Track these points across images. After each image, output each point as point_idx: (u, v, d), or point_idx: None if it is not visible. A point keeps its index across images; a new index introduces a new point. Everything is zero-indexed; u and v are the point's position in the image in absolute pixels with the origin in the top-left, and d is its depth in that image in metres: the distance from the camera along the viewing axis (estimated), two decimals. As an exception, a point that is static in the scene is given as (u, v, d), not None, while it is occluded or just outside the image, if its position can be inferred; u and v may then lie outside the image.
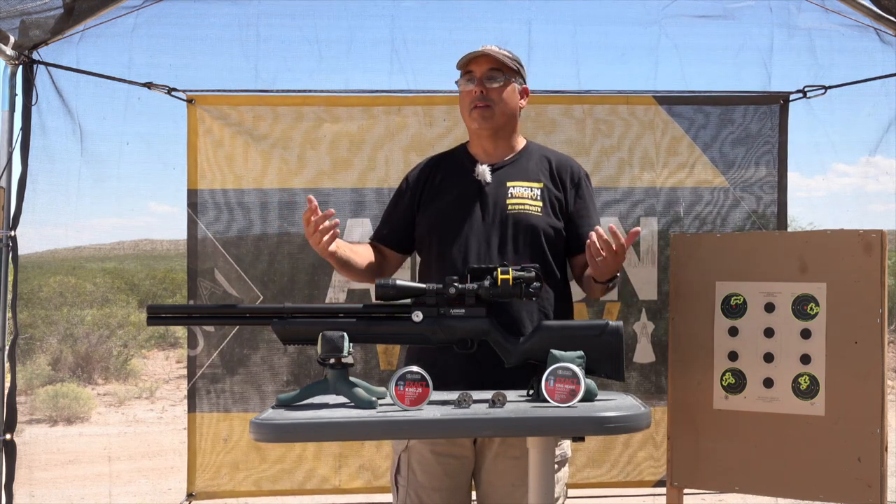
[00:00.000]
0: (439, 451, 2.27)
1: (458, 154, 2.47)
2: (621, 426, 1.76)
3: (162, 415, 9.19)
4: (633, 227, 3.35)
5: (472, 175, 2.35)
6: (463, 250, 2.27)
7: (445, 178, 2.40)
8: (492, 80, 2.31)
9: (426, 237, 2.36)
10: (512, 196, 2.32)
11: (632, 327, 3.32)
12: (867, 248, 2.48)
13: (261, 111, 3.30)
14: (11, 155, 2.99)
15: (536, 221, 2.30)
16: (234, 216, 3.30)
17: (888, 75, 3.29)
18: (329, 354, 1.89)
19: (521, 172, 2.37)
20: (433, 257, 2.32)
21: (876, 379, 2.45)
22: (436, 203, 2.37)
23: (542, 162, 2.41)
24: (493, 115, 2.32)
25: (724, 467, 2.64)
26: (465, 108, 2.37)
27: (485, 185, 2.33)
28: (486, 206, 2.31)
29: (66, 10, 2.97)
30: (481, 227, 2.29)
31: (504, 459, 2.26)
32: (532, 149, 2.45)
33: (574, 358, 1.91)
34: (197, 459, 3.27)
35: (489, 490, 2.29)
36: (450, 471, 2.28)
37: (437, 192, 2.39)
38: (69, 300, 12.05)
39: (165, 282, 14.04)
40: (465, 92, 2.34)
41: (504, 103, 2.34)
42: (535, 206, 2.31)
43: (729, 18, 3.41)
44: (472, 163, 2.39)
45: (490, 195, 2.32)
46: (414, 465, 2.28)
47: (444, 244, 2.29)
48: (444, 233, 2.31)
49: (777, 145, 3.39)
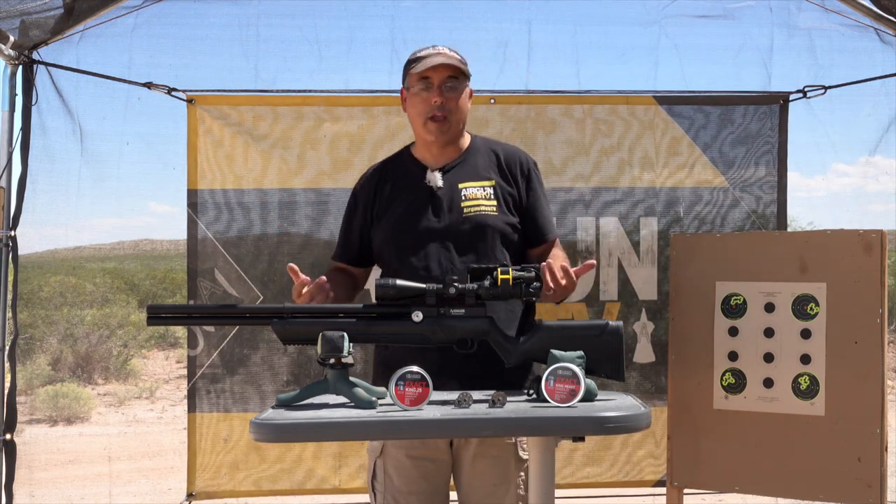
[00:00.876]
0: (415, 455, 2.25)
1: (404, 160, 2.40)
2: (621, 426, 1.75)
3: (162, 415, 9.19)
4: (632, 227, 3.36)
5: (423, 182, 2.30)
6: (423, 259, 2.24)
7: (395, 186, 2.35)
8: (451, 90, 2.26)
9: (384, 249, 2.32)
10: (466, 198, 2.28)
11: (632, 327, 3.32)
12: (867, 248, 2.48)
13: (261, 111, 3.30)
14: (11, 155, 2.99)
15: (493, 222, 2.27)
16: (234, 216, 3.30)
17: (888, 75, 3.29)
18: (329, 354, 1.88)
19: (472, 172, 2.33)
20: (393, 268, 2.28)
21: (876, 379, 2.45)
22: (389, 214, 2.32)
23: (490, 156, 2.37)
24: (450, 127, 2.28)
25: (724, 467, 2.64)
26: (418, 115, 2.28)
27: (437, 191, 2.29)
28: (441, 211, 2.27)
29: (66, 10, 2.97)
30: (439, 233, 2.26)
31: (483, 459, 2.25)
32: (478, 144, 2.40)
33: (574, 358, 1.91)
34: (197, 459, 3.27)
35: (470, 491, 2.27)
36: (426, 474, 2.26)
37: (390, 203, 2.33)
38: (69, 300, 12.06)
39: (165, 282, 14.04)
40: (422, 99, 2.27)
41: (460, 111, 2.30)
42: (489, 206, 2.28)
43: (729, 18, 3.42)
44: (420, 168, 2.34)
45: (444, 200, 2.28)
46: (390, 469, 2.26)
47: (403, 254, 2.26)
48: (402, 243, 2.27)
49: (777, 145, 3.39)
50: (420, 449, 2.25)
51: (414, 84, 2.28)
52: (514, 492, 2.24)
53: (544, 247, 2.37)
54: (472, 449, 2.25)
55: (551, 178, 3.35)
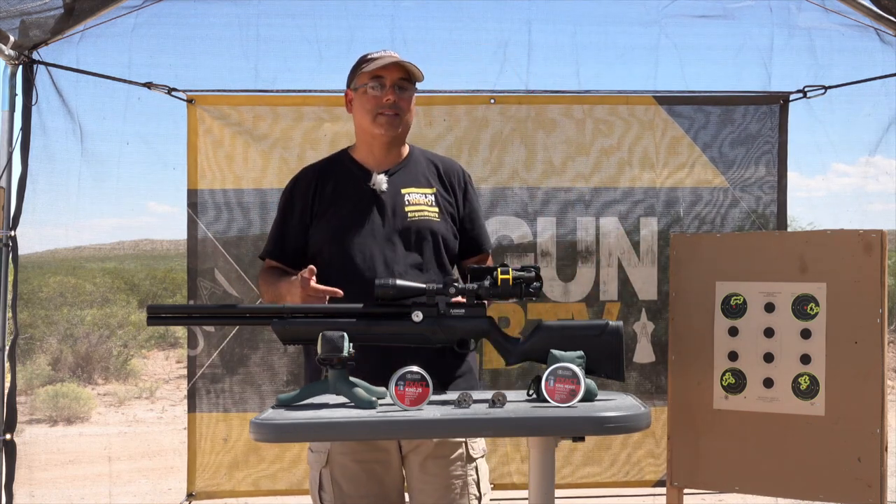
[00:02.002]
0: (364, 459, 2.24)
1: (344, 162, 2.39)
2: (621, 426, 1.75)
3: (162, 415, 9.18)
4: (632, 227, 3.36)
5: (366, 184, 2.31)
6: (368, 261, 2.24)
7: (337, 187, 2.34)
8: (403, 91, 2.28)
9: (324, 249, 2.30)
10: (409, 203, 2.30)
11: (632, 327, 3.32)
12: (867, 248, 2.48)
13: (261, 111, 3.30)
14: (11, 155, 2.99)
15: (437, 227, 2.30)
16: (234, 216, 3.30)
17: (888, 75, 3.29)
18: (329, 354, 1.88)
19: (413, 179, 2.35)
20: (334, 270, 2.25)
21: (876, 379, 2.45)
22: (331, 214, 2.31)
23: (430, 167, 2.40)
24: (400, 123, 2.30)
25: (724, 467, 2.64)
26: (366, 113, 2.28)
27: (380, 194, 2.30)
28: (385, 215, 2.28)
29: (66, 10, 2.97)
30: (383, 236, 2.26)
31: (434, 460, 2.25)
32: (417, 154, 2.42)
33: (574, 358, 1.91)
34: (197, 459, 3.27)
35: (422, 493, 2.26)
36: (377, 478, 2.25)
37: (331, 204, 2.32)
38: (69, 300, 12.05)
39: (165, 282, 14.03)
40: (374, 97, 2.27)
41: (409, 114, 2.33)
42: (432, 212, 2.31)
43: (729, 18, 3.42)
44: (361, 170, 2.34)
45: (387, 204, 2.29)
46: (338, 478, 2.24)
47: (346, 256, 2.25)
48: (345, 245, 2.26)
49: (777, 145, 3.39)
50: (368, 453, 2.24)
51: (365, 82, 2.28)
52: (466, 491, 2.25)
53: (479, 258, 2.43)
54: (424, 451, 2.25)
55: (551, 178, 3.35)
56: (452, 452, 2.26)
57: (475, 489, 2.27)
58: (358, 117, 2.34)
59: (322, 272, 2.21)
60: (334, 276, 2.20)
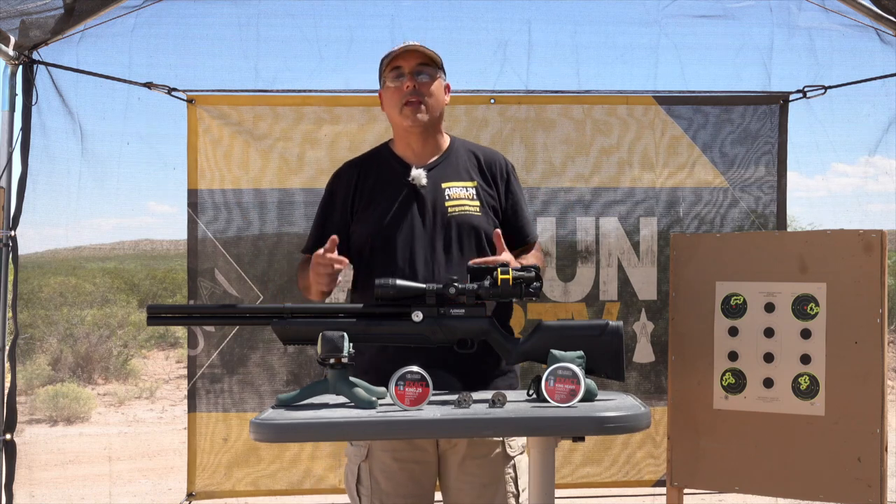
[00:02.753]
0: (402, 458, 2.23)
1: (384, 156, 2.38)
2: (621, 426, 1.75)
3: (162, 415, 9.18)
4: (632, 227, 3.36)
5: (405, 179, 2.29)
6: (408, 257, 2.23)
7: (377, 182, 2.33)
8: (422, 75, 2.28)
9: (365, 245, 2.29)
10: (449, 198, 2.28)
11: (631, 327, 3.32)
12: (867, 248, 2.48)
13: (261, 111, 3.30)
14: (11, 155, 2.99)
15: (478, 222, 2.28)
16: (234, 216, 3.30)
17: (888, 75, 3.29)
18: (329, 354, 1.88)
19: (454, 172, 2.33)
20: (375, 266, 2.25)
21: (876, 379, 2.45)
22: (371, 210, 2.30)
23: (471, 158, 2.37)
24: (426, 110, 2.28)
25: (724, 467, 2.64)
26: (394, 106, 2.29)
27: (420, 189, 2.28)
28: (425, 210, 2.27)
29: (66, 10, 2.97)
30: (423, 232, 2.25)
31: (472, 460, 2.24)
32: (458, 145, 2.40)
33: (574, 358, 1.91)
34: (197, 459, 3.27)
35: (459, 493, 2.26)
36: (414, 477, 2.24)
37: (371, 199, 2.32)
38: (69, 300, 12.04)
39: (165, 282, 14.02)
40: (395, 88, 2.27)
41: (434, 98, 2.30)
42: (473, 206, 2.29)
43: (729, 18, 3.41)
44: (401, 165, 2.33)
45: (427, 199, 2.27)
46: (377, 473, 2.24)
47: (387, 252, 2.24)
48: (386, 241, 2.25)
49: (777, 145, 3.39)
50: (407, 451, 2.24)
51: (388, 77, 2.30)
52: (503, 490, 2.24)
53: (523, 249, 2.39)
54: (461, 450, 2.24)
55: (551, 179, 3.35)
56: (491, 452, 2.24)
57: (513, 486, 2.25)
58: (389, 113, 2.35)
59: (363, 269, 2.27)
60: (375, 273, 2.20)
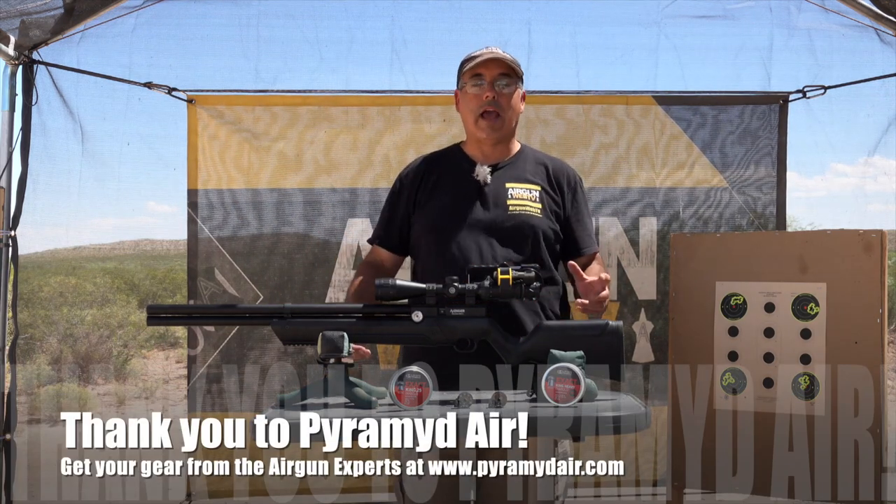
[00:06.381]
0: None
1: (454, 154, 2.42)
2: (621, 426, 1.75)
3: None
4: (631, 226, 3.36)
5: (471, 175, 2.32)
6: (464, 251, 2.24)
7: (442, 177, 2.37)
8: (503, 87, 2.29)
9: (424, 237, 2.33)
10: (512, 197, 2.30)
11: (631, 327, 3.32)
12: (867, 248, 2.48)
13: (261, 111, 3.30)
14: (11, 155, 2.99)
15: (537, 223, 2.29)
16: (234, 216, 3.30)
17: (888, 75, 3.29)
18: (329, 354, 1.89)
19: (520, 174, 2.35)
20: (433, 258, 2.28)
21: (876, 379, 2.45)
22: (433, 203, 2.34)
23: (539, 167, 2.40)
24: (503, 124, 2.31)
25: (724, 467, 2.64)
26: (470, 112, 2.32)
27: (484, 186, 2.31)
28: (487, 206, 2.29)
29: (67, 11, 2.97)
30: (481, 227, 2.27)
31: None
32: (527, 152, 2.44)
33: (574, 358, 1.91)
34: (197, 459, 3.27)
35: (495, 493, 2.26)
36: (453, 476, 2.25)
37: (434, 192, 2.35)
38: (69, 300, 12.03)
39: (165, 282, 14.01)
40: (473, 95, 2.30)
41: (512, 110, 2.33)
42: (535, 208, 2.31)
43: (729, 18, 3.41)
44: (469, 163, 2.36)
45: (490, 195, 2.30)
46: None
47: (444, 245, 2.27)
48: (444, 233, 2.28)
49: (776, 145, 3.39)
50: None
51: (467, 82, 2.31)
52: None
53: (584, 259, 2.38)
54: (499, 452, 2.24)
55: (551, 178, 3.35)
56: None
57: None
58: (464, 118, 2.37)
59: (421, 260, 2.30)
60: (431, 265, 2.24)
